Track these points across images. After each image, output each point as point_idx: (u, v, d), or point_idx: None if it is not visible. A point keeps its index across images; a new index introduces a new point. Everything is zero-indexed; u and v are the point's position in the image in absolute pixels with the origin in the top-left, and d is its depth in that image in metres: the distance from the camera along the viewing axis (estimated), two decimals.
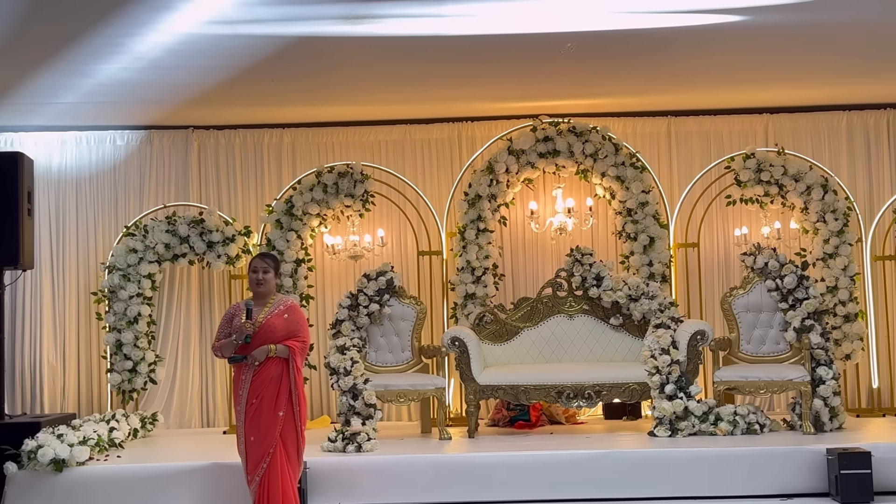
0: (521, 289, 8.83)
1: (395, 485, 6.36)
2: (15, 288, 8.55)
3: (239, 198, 8.99)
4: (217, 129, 9.02)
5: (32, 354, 8.73)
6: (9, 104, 8.01)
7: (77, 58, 6.84)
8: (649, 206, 8.35)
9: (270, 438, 5.55)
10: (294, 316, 5.74)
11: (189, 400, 8.78)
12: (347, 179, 8.41)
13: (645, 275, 8.24)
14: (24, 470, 6.34)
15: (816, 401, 7.07)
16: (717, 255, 8.88)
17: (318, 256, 8.76)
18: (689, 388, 7.16)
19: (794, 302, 7.44)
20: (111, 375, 8.30)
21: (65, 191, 8.93)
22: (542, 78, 7.84)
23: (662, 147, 9.00)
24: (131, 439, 7.63)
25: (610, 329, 7.97)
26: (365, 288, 7.71)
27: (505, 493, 6.33)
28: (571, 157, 8.43)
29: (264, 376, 5.60)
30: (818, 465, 6.27)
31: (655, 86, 8.20)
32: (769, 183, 8.31)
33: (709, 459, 6.40)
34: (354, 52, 6.97)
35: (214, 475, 6.32)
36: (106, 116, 8.61)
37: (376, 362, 7.73)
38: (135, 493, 6.30)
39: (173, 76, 7.37)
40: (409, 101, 8.45)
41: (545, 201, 8.81)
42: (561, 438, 7.26)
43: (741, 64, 7.57)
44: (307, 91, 7.96)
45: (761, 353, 7.58)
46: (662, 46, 7.08)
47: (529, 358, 7.92)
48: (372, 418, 7.04)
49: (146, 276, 8.36)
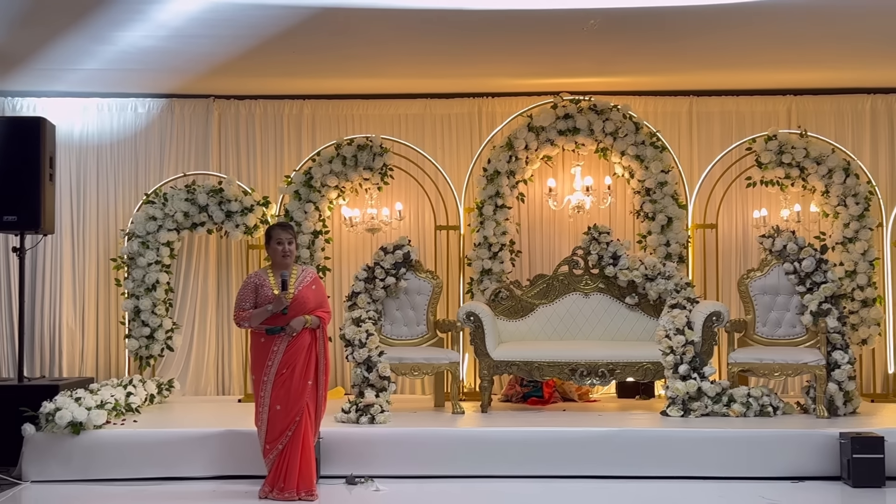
0: (538, 266, 8.84)
1: (408, 457, 6.40)
2: (35, 252, 8.62)
3: (258, 168, 9.01)
4: (238, 99, 9.03)
5: (52, 318, 8.82)
6: (31, 70, 8.04)
7: (100, 24, 6.85)
8: (668, 185, 8.32)
9: (298, 407, 5.68)
10: (319, 286, 5.97)
11: (205, 368, 8.86)
12: (367, 152, 8.41)
13: (662, 255, 8.22)
14: (41, 432, 6.43)
15: (831, 385, 7.05)
16: (735, 236, 8.85)
17: (336, 229, 8.79)
18: (702, 368, 7.16)
19: (812, 285, 7.41)
20: (129, 341, 8.38)
21: (86, 157, 8.97)
22: (564, 55, 7.80)
23: (683, 127, 8.95)
24: (147, 405, 7.71)
25: (625, 308, 7.97)
26: (381, 261, 7.73)
27: (516, 469, 6.37)
28: (591, 135, 8.40)
29: (298, 346, 5.72)
30: (831, 449, 6.27)
31: (678, 65, 8.15)
32: (790, 165, 8.26)
33: (721, 440, 6.40)
34: (377, 24, 6.96)
35: (229, 442, 6.39)
36: (128, 84, 8.63)
37: (391, 335, 7.77)
38: (150, 457, 6.38)
39: (196, 45, 7.38)
40: (429, 76, 8.42)
41: (564, 179, 8.79)
42: (573, 416, 7.28)
43: (765, 44, 7.51)
44: (328, 63, 7.94)
45: (777, 336, 7.56)
46: (686, 25, 7.03)
47: (544, 335, 7.94)
48: (386, 391, 7.08)
49: (165, 244, 8.41)
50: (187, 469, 6.37)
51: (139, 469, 6.36)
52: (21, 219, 7.34)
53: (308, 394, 5.76)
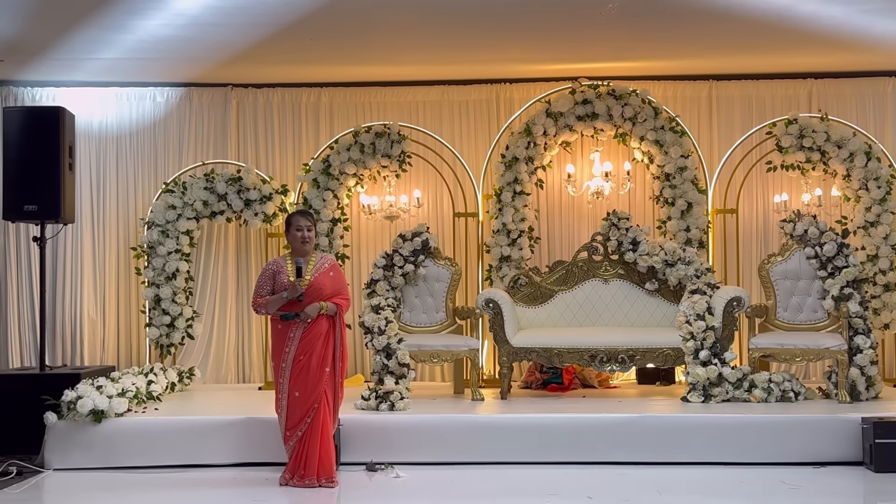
0: (557, 252, 8.82)
1: (427, 444, 6.41)
2: (56, 241, 8.66)
3: (276, 156, 9.03)
4: (256, 88, 9.04)
5: (73, 307, 8.87)
6: (50, 59, 8.07)
7: (118, 14, 6.87)
8: (688, 171, 8.27)
9: (316, 394, 5.69)
10: (338, 274, 5.93)
11: (225, 356, 8.89)
12: (384, 139, 8.40)
13: (682, 240, 8.18)
14: (63, 420, 6.47)
15: (853, 370, 7.00)
16: (755, 221, 8.79)
17: (354, 216, 8.79)
18: (723, 354, 7.12)
19: (833, 270, 7.35)
20: (149, 330, 8.42)
21: (105, 146, 9.00)
22: (583, 40, 7.76)
23: (703, 111, 8.89)
24: (168, 393, 7.75)
25: (645, 294, 7.94)
26: (400, 248, 7.73)
27: (536, 455, 6.36)
28: (610, 121, 8.35)
29: (314, 333, 5.73)
30: (853, 434, 6.23)
31: (697, 49, 8.09)
32: (811, 149, 8.20)
33: (742, 426, 6.37)
34: (394, 10, 6.94)
35: (249, 429, 6.41)
36: (146, 73, 8.65)
37: (410, 322, 7.77)
38: (171, 444, 6.41)
39: (213, 33, 7.38)
40: (447, 62, 8.39)
41: (582, 165, 8.76)
42: (593, 402, 7.26)
43: (785, 27, 7.42)
44: (346, 50, 7.93)
45: (798, 321, 7.52)
46: (704, 8, 6.96)
47: (563, 321, 7.92)
48: (405, 378, 7.09)
49: (184, 233, 8.44)
50: (208, 456, 6.40)
51: (160, 457, 6.39)
52: (41, 208, 7.38)
53: (326, 381, 5.77)
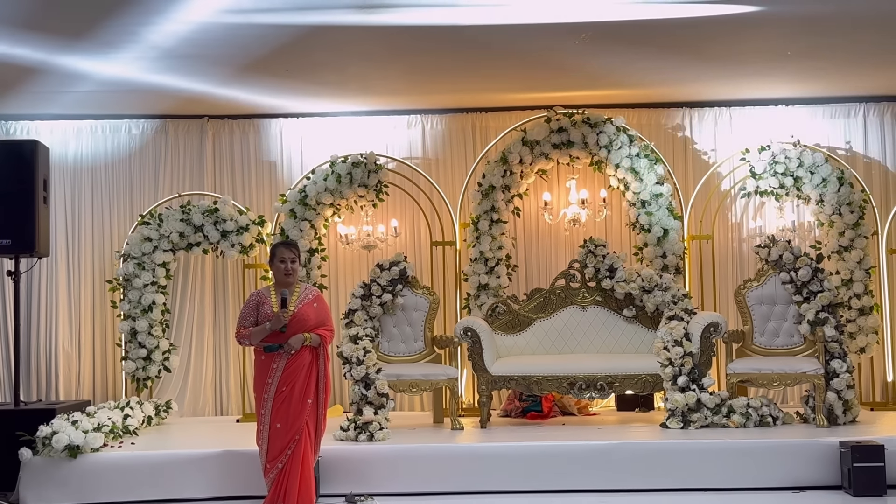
0: (535, 280, 8.83)
1: (407, 474, 6.38)
2: (31, 275, 8.60)
3: (253, 187, 9.01)
4: (232, 119, 9.04)
5: (48, 341, 8.79)
6: (25, 92, 8.04)
7: (92, 47, 6.86)
8: (663, 197, 8.32)
9: (298, 425, 5.65)
10: (322, 305, 5.91)
11: (203, 388, 8.83)
12: (361, 169, 8.41)
13: (658, 266, 8.22)
14: (38, 456, 6.39)
15: (830, 394, 7.04)
16: (731, 247, 8.85)
17: (332, 246, 8.78)
18: (701, 380, 7.15)
19: (809, 294, 7.40)
20: (126, 363, 8.35)
21: (80, 179, 8.96)
22: (557, 68, 7.82)
23: (677, 138, 8.97)
24: (145, 426, 7.68)
25: (623, 320, 7.96)
26: (378, 278, 7.72)
27: (517, 484, 6.35)
28: (585, 149, 8.41)
29: (297, 364, 5.70)
30: (831, 458, 6.25)
31: (670, 76, 8.16)
32: (784, 175, 8.28)
33: (721, 451, 6.39)
34: (369, 42, 6.97)
35: (228, 462, 6.36)
36: (121, 105, 8.64)
37: (389, 352, 7.75)
38: (149, 479, 6.35)
39: (188, 65, 7.38)
40: (422, 92, 8.43)
41: (559, 192, 8.80)
42: (573, 429, 7.26)
43: (757, 55, 7.52)
44: (321, 81, 7.94)
45: (775, 346, 7.56)
46: (679, 36, 7.04)
47: (542, 349, 7.92)
48: (384, 408, 7.06)
49: (161, 265, 8.40)
50: (186, 490, 6.34)
51: (138, 491, 6.33)
52: (15, 242, 7.33)
53: (308, 412, 5.73)
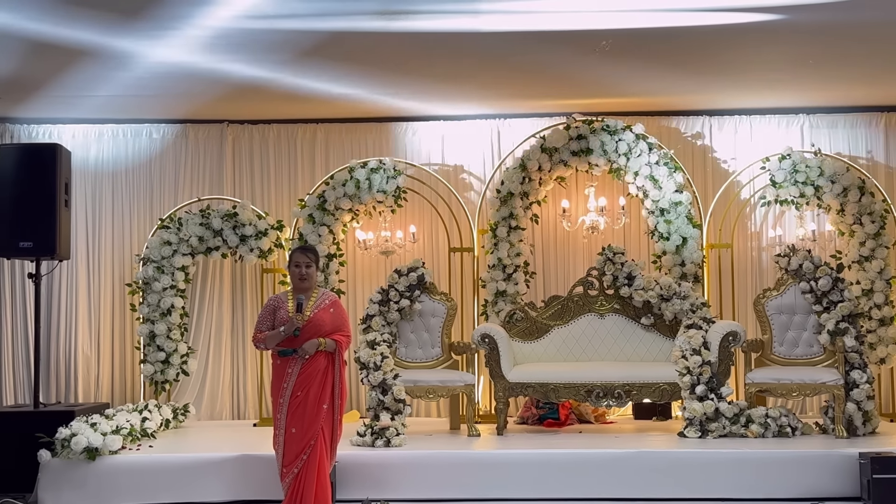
0: (552, 287, 8.82)
1: (423, 480, 6.37)
2: (51, 278, 8.65)
3: (272, 192, 9.05)
4: (251, 124, 9.08)
5: (67, 344, 8.84)
6: (47, 97, 8.11)
7: (114, 51, 6.90)
8: (682, 205, 8.29)
9: (313, 431, 5.65)
10: (339, 310, 5.90)
11: (220, 392, 8.85)
12: (380, 175, 8.43)
13: (677, 275, 8.19)
14: (57, 458, 6.42)
15: (849, 404, 6.99)
16: (750, 256, 8.82)
17: (350, 251, 8.80)
18: (720, 389, 7.11)
19: (829, 304, 7.36)
20: (144, 366, 8.39)
21: (101, 183, 9.02)
22: (577, 76, 7.81)
23: (697, 146, 8.94)
24: (163, 429, 7.71)
25: (641, 329, 7.93)
26: (396, 283, 7.73)
27: (533, 491, 6.32)
28: (604, 156, 8.39)
29: (312, 369, 5.70)
30: (850, 470, 6.20)
31: (691, 85, 8.15)
32: (805, 184, 8.24)
33: (739, 461, 6.34)
34: (390, 48, 6.98)
35: (244, 466, 6.37)
36: (142, 110, 8.69)
37: (406, 358, 7.75)
38: (166, 482, 6.36)
39: (210, 71, 7.41)
40: (443, 98, 8.43)
41: (577, 199, 8.78)
42: (590, 437, 7.24)
43: (778, 63, 7.50)
44: (342, 86, 7.96)
45: (794, 356, 7.51)
46: (698, 45, 7.03)
47: (559, 356, 7.90)
48: (401, 413, 7.06)
49: (180, 269, 8.44)
50: (203, 494, 6.34)
51: (155, 494, 6.34)
52: (37, 245, 7.37)
53: (323, 418, 5.72)
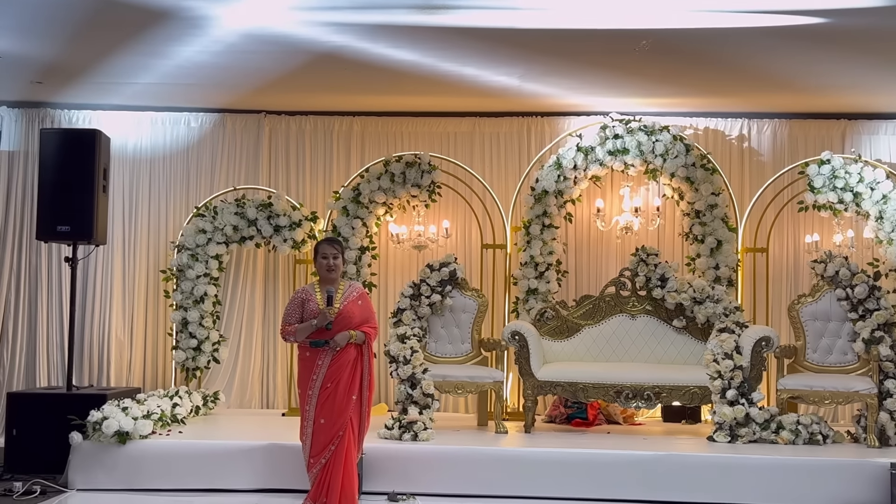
0: (584, 286, 8.79)
1: (450, 475, 6.39)
2: (87, 262, 8.75)
3: (307, 183, 9.08)
4: (289, 115, 9.12)
5: (101, 329, 8.93)
6: (88, 83, 8.19)
7: (156, 39, 6.97)
8: (718, 208, 8.23)
9: (342, 421, 5.69)
10: (366, 302, 5.96)
11: (250, 381, 8.91)
12: (415, 169, 8.44)
13: (711, 278, 8.13)
14: (88, 440, 6.51)
15: (882, 414, 6.91)
16: (786, 261, 8.73)
17: (383, 245, 8.82)
18: (751, 394, 7.05)
19: (864, 312, 7.27)
20: (176, 353, 8.46)
21: (139, 170, 9.10)
22: (615, 75, 7.77)
23: (735, 149, 8.87)
24: (193, 416, 7.77)
25: (672, 331, 7.89)
26: (428, 278, 7.73)
27: (559, 490, 6.32)
28: (641, 156, 8.34)
29: (342, 361, 5.74)
30: (881, 479, 6.14)
31: (730, 87, 8.08)
32: (843, 190, 8.14)
33: (768, 468, 6.30)
34: (428, 42, 6.98)
35: (272, 455, 6.42)
36: (181, 98, 8.76)
37: (436, 353, 7.76)
38: (194, 468, 6.43)
39: (249, 61, 7.46)
40: (478, 94, 8.42)
41: (612, 199, 8.74)
42: (618, 438, 7.21)
43: (819, 67, 7.42)
44: (378, 80, 7.98)
45: (828, 363, 7.43)
46: (739, 47, 6.97)
47: (589, 356, 7.87)
48: (429, 408, 7.07)
49: (214, 257, 8.49)
50: (231, 481, 6.41)
51: (183, 480, 6.41)
52: (74, 229, 7.47)
53: (352, 409, 5.76)
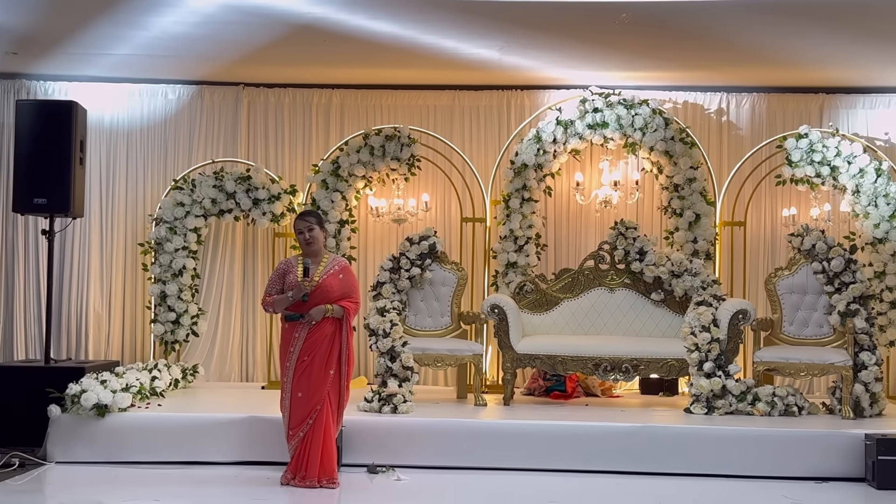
0: (563, 260, 8.82)
1: (429, 448, 6.41)
2: (64, 235, 8.69)
3: (286, 156, 9.04)
4: (267, 87, 9.06)
5: (79, 302, 8.89)
6: (64, 54, 8.10)
7: (132, 10, 6.89)
8: (697, 182, 8.26)
9: (319, 396, 5.69)
10: (348, 276, 5.90)
11: (229, 354, 8.90)
12: (394, 143, 8.41)
13: (689, 251, 8.18)
14: (66, 413, 6.48)
15: (857, 386, 6.99)
16: (763, 234, 8.79)
17: (362, 218, 8.80)
18: (727, 366, 7.11)
19: (840, 285, 7.33)
20: (155, 326, 8.43)
21: (116, 142, 9.02)
22: (595, 48, 7.76)
23: (713, 123, 8.89)
24: (172, 389, 7.76)
25: (651, 304, 7.93)
26: (407, 251, 7.73)
27: (537, 462, 6.36)
28: (620, 130, 8.35)
29: (319, 335, 5.72)
30: (855, 450, 6.22)
31: (709, 61, 8.09)
32: (821, 164, 8.18)
33: (744, 439, 6.36)
34: (407, 12, 6.94)
35: (252, 428, 6.42)
36: (159, 70, 8.67)
37: (415, 326, 7.77)
38: (174, 441, 6.42)
39: (227, 32, 7.40)
40: (458, 67, 8.39)
41: (591, 173, 8.76)
42: (596, 410, 7.26)
43: (797, 41, 7.44)
44: (358, 52, 7.94)
45: (804, 336, 7.50)
46: (718, 20, 6.98)
47: (568, 329, 7.91)
48: (409, 381, 7.09)
49: (192, 230, 8.45)
50: (210, 454, 6.41)
51: (162, 453, 6.40)
52: (51, 201, 7.40)
53: (330, 383, 5.76)
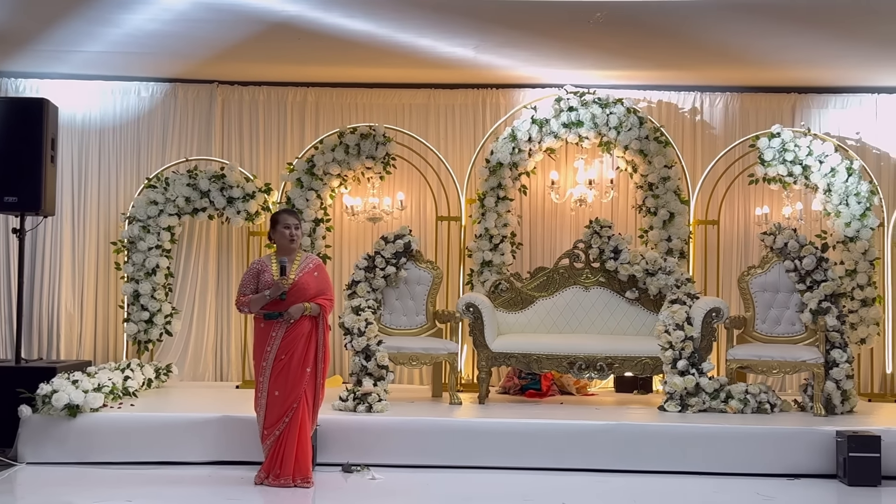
0: (539, 258, 8.84)
1: (404, 446, 6.41)
2: (35, 234, 8.61)
3: (261, 155, 9.00)
4: (241, 85, 9.01)
5: (50, 301, 8.81)
6: (34, 51, 8.02)
7: (104, 7, 6.84)
8: (671, 181, 8.30)
9: (296, 394, 5.68)
10: (322, 274, 5.93)
11: (203, 353, 8.85)
12: (370, 141, 8.40)
13: (663, 250, 8.21)
14: (37, 414, 6.42)
15: (829, 383, 7.05)
16: (736, 233, 8.85)
17: (337, 217, 8.78)
18: (701, 364, 7.16)
19: (812, 283, 7.40)
20: (127, 325, 8.37)
21: (88, 140, 8.95)
22: (570, 47, 7.78)
23: (687, 122, 8.94)
24: (145, 389, 7.71)
25: (625, 302, 7.96)
26: (382, 250, 7.72)
27: (512, 460, 6.37)
28: (595, 129, 8.38)
29: (296, 333, 5.72)
30: (827, 447, 6.27)
31: (683, 60, 8.14)
32: (793, 163, 8.25)
33: (718, 436, 6.41)
34: (382, 11, 6.93)
35: (226, 427, 6.39)
36: (131, 67, 8.61)
37: (390, 325, 7.76)
38: (146, 441, 6.38)
39: (200, 29, 7.36)
40: (433, 66, 8.38)
41: (566, 172, 8.78)
42: (571, 409, 7.28)
43: (770, 41, 7.49)
44: (333, 50, 7.91)
45: (776, 334, 7.56)
46: (692, 20, 7.01)
47: (543, 327, 7.93)
48: (384, 380, 7.08)
49: (166, 229, 8.40)
50: (184, 454, 6.37)
51: (135, 453, 6.36)
52: (21, 200, 7.33)
53: (306, 381, 5.76)
